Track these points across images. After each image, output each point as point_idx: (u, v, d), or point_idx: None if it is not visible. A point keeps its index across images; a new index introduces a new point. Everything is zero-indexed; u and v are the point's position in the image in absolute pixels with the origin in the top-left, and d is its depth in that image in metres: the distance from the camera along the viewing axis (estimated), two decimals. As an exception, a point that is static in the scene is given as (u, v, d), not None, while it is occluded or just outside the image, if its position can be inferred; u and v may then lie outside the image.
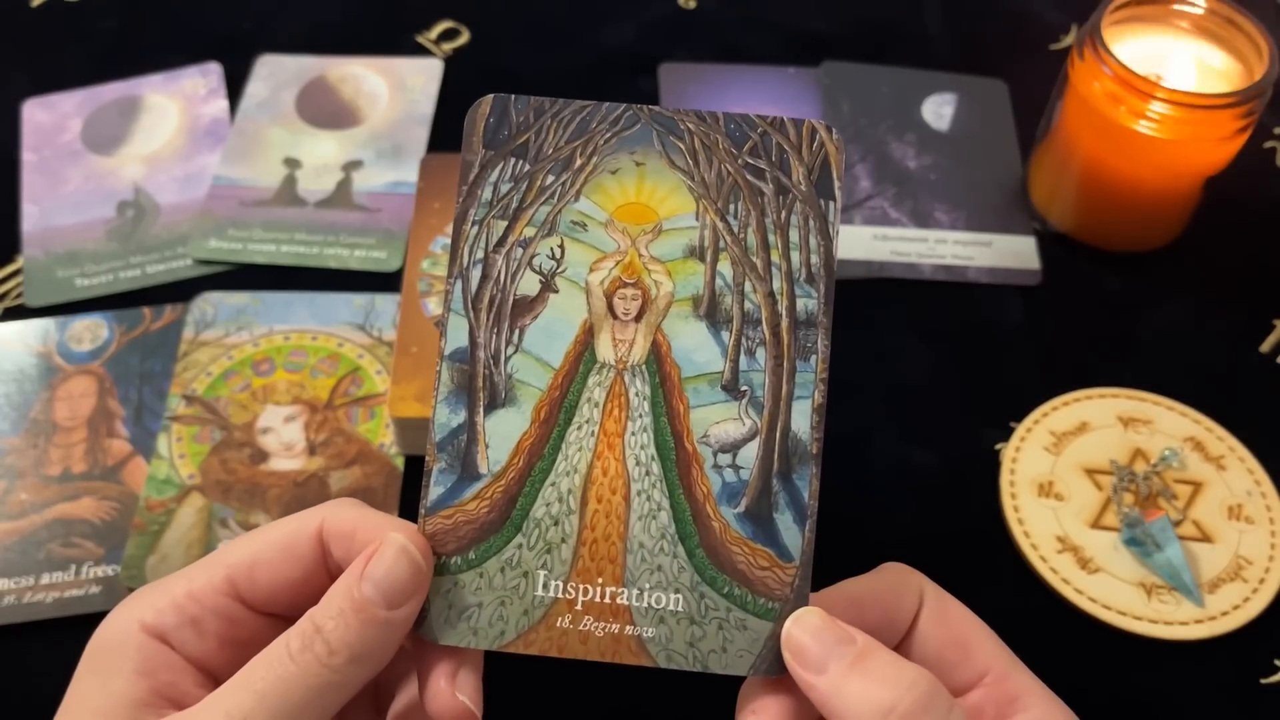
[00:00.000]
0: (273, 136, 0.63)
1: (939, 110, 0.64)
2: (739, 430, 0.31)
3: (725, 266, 0.32)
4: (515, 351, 0.32)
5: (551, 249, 0.32)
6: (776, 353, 0.31)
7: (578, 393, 0.32)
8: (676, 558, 0.31)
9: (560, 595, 0.30)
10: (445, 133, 0.63)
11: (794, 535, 0.31)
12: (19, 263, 0.58)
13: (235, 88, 0.65)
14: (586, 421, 0.31)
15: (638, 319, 0.32)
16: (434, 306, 0.51)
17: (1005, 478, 0.50)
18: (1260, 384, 0.55)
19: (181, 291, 0.57)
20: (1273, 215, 0.61)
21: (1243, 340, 0.56)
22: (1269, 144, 0.63)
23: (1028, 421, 0.52)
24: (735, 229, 0.32)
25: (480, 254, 0.32)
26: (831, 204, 0.32)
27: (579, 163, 0.33)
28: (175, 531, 0.48)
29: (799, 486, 0.31)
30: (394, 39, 0.67)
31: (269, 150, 0.62)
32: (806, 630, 0.29)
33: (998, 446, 0.52)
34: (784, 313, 0.32)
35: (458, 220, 0.32)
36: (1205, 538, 0.49)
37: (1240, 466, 0.51)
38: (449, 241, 0.54)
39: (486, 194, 0.33)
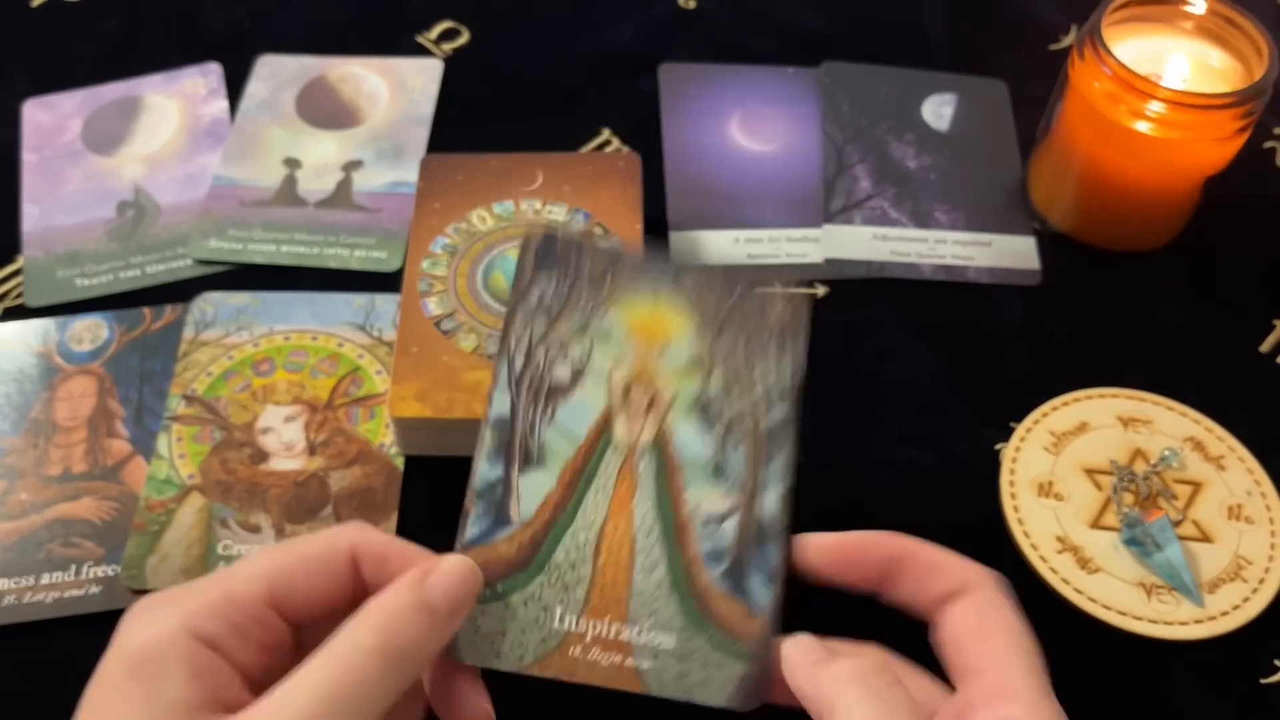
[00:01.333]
0: (273, 137, 0.63)
1: (939, 110, 0.64)
2: (723, 506, 0.38)
3: (716, 378, 0.39)
4: (548, 424, 0.38)
5: (584, 347, 0.39)
6: (754, 449, 0.38)
7: (596, 464, 0.38)
8: (671, 604, 0.36)
9: (573, 629, 0.36)
10: (445, 133, 0.63)
11: (764, 594, 0.37)
12: (19, 263, 0.58)
13: (235, 88, 0.65)
14: (602, 488, 0.37)
15: (648, 411, 0.39)
16: (434, 307, 0.51)
17: (1005, 478, 0.51)
18: (1260, 384, 0.55)
19: (182, 292, 0.57)
20: (1272, 215, 0.61)
21: (1243, 340, 0.56)
22: (1269, 144, 0.63)
23: (1027, 421, 0.52)
24: (725, 352, 0.39)
25: (525, 344, 0.39)
26: (798, 339, 0.40)
27: (608, 287, 0.40)
28: (175, 531, 0.48)
29: (769, 555, 0.37)
30: (394, 39, 0.68)
31: (269, 150, 0.62)
32: (795, 647, 0.35)
33: (997, 446, 0.52)
34: (761, 418, 0.39)
35: (509, 314, 0.39)
36: (1205, 538, 0.49)
37: (1240, 466, 0.51)
38: (449, 242, 0.54)
39: (533, 299, 0.40)
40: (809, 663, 0.34)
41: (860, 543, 0.37)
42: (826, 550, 0.37)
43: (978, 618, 0.35)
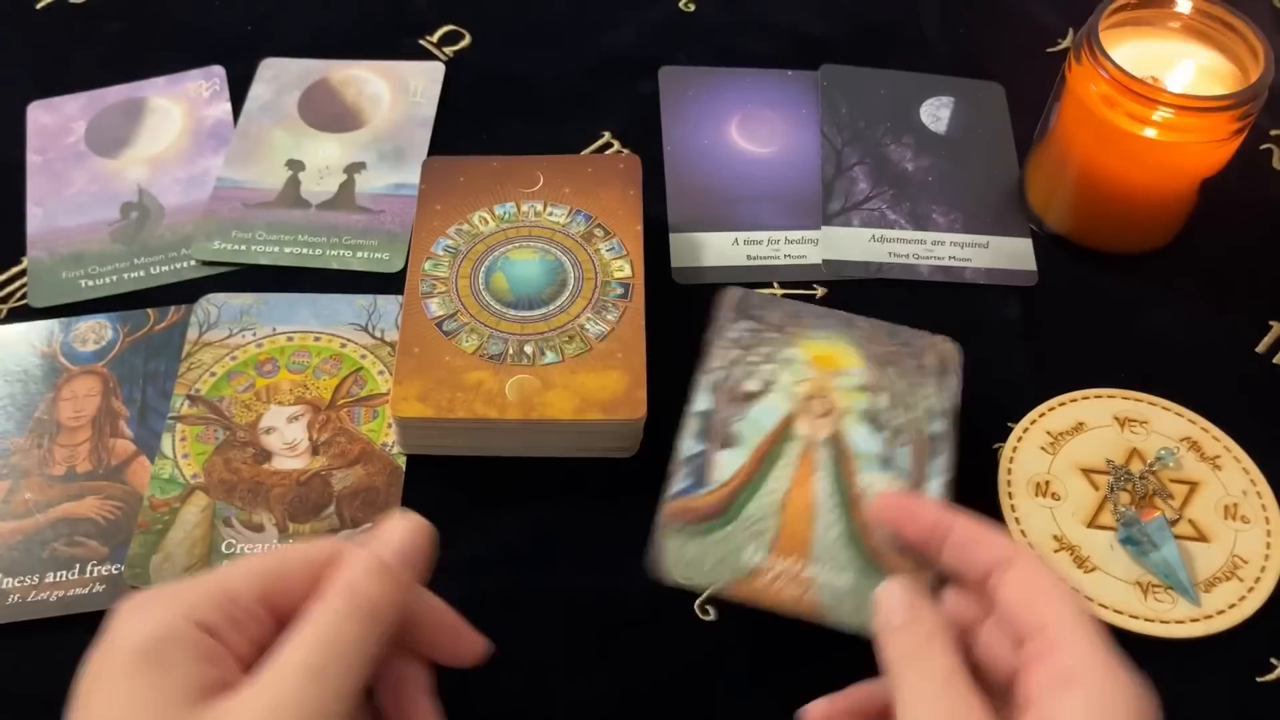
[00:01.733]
0: (276, 139, 0.63)
1: (936, 113, 0.65)
2: (891, 489, 0.45)
3: (883, 398, 0.48)
4: (741, 419, 0.47)
5: (772, 370, 0.48)
6: (918, 450, 0.46)
7: (781, 449, 0.46)
8: (848, 553, 0.43)
9: (762, 563, 0.43)
10: (447, 135, 0.64)
11: None
12: (24, 264, 0.58)
13: (238, 90, 0.65)
14: (786, 467, 0.46)
15: (824, 416, 0.47)
16: (436, 308, 0.52)
17: (1002, 477, 0.51)
18: (1256, 384, 0.55)
19: (185, 293, 0.57)
20: (1269, 217, 0.61)
21: (1239, 341, 0.56)
22: (1265, 146, 0.64)
23: (1024, 421, 0.52)
24: (889, 381, 0.48)
25: (725, 363, 0.48)
26: (949, 379, 0.49)
27: (791, 329, 0.50)
28: (179, 530, 0.49)
29: None
30: (396, 42, 0.68)
31: (272, 152, 0.63)
32: (884, 596, 0.39)
33: (995, 446, 0.52)
34: (923, 429, 0.47)
35: (711, 343, 0.49)
36: (1201, 537, 0.49)
37: (1236, 466, 0.51)
38: (451, 243, 0.55)
39: (732, 334, 0.49)
40: (891, 627, 0.37)
41: (914, 504, 0.42)
42: (890, 504, 0.42)
43: (1030, 582, 0.37)
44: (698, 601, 0.48)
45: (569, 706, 0.46)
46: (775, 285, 0.58)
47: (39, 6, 0.70)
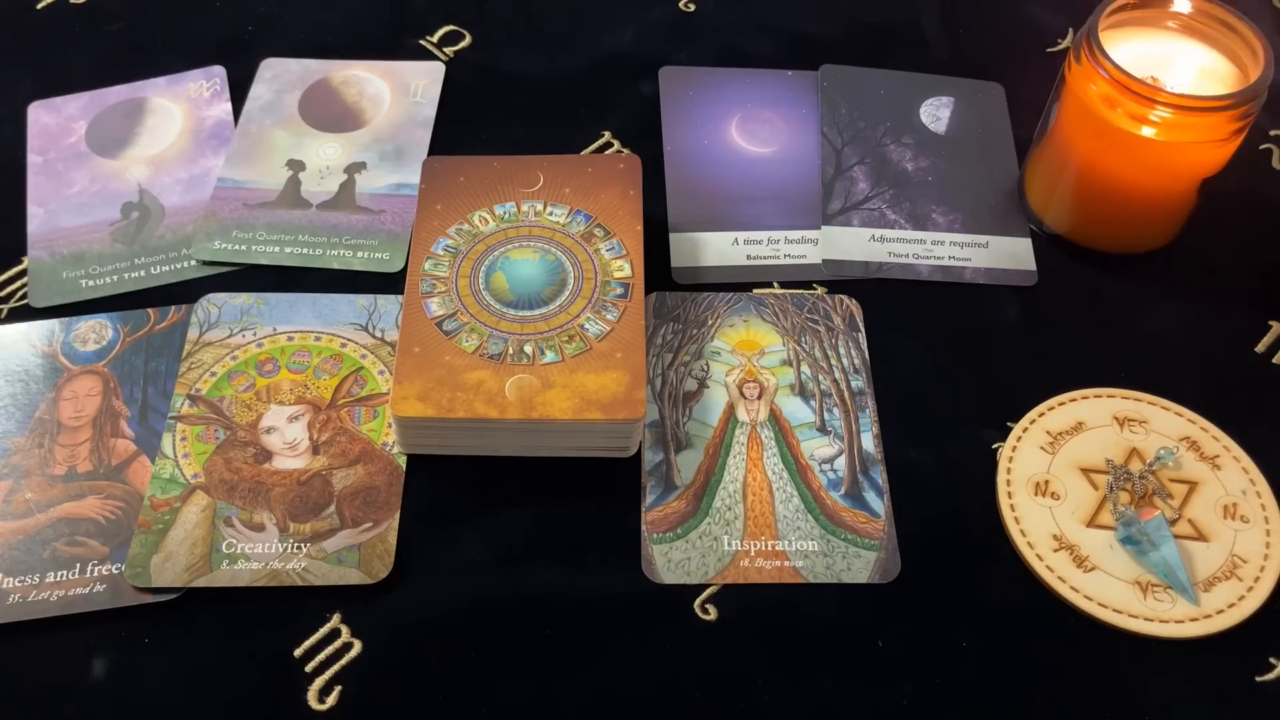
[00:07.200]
0: (276, 139, 0.63)
1: (936, 113, 0.65)
2: (832, 450, 0.52)
3: (805, 368, 0.54)
4: (688, 420, 0.52)
5: (702, 366, 0.54)
6: (845, 409, 0.53)
7: (730, 438, 0.52)
8: (808, 522, 0.50)
9: (739, 548, 0.49)
10: (447, 135, 0.64)
11: (878, 503, 0.50)
12: (24, 264, 0.58)
13: (239, 91, 0.65)
14: (738, 454, 0.51)
15: (759, 398, 0.53)
16: (436, 308, 0.52)
17: (1002, 477, 0.51)
18: (1255, 384, 0.55)
19: (186, 292, 0.57)
20: (1269, 216, 0.61)
21: (1238, 340, 0.56)
22: (1265, 146, 0.64)
23: (1024, 421, 0.53)
24: (807, 349, 0.55)
25: (660, 370, 0.54)
26: (858, 334, 0.55)
27: (710, 322, 0.55)
28: (180, 530, 0.49)
29: (874, 477, 0.51)
30: (396, 42, 0.68)
31: (273, 153, 0.63)
32: None
33: (995, 446, 0.52)
34: (845, 389, 0.53)
35: (645, 352, 0.51)
36: (1200, 536, 0.49)
37: (1235, 466, 0.51)
38: (451, 243, 0.55)
39: (659, 340, 0.55)
40: None
41: None
42: None
43: None
44: (697, 601, 0.48)
45: (569, 707, 0.46)
46: (775, 285, 0.58)
47: (39, 6, 0.70)
